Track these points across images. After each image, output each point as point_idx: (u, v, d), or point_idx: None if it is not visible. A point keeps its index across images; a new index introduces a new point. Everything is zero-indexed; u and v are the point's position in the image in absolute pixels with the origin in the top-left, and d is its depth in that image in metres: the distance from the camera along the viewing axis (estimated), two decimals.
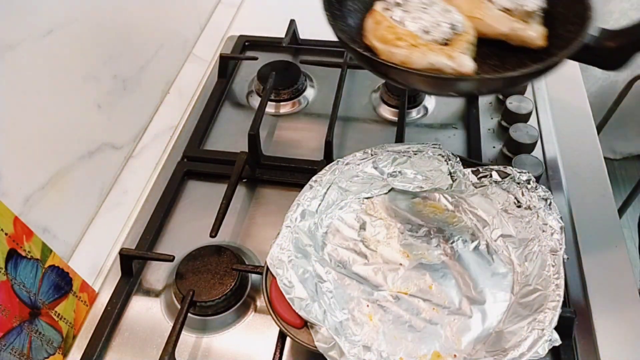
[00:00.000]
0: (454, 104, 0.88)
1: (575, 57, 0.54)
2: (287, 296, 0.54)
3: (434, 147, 0.68)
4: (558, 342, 0.51)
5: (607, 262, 0.66)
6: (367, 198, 0.69)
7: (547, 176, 0.75)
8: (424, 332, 0.57)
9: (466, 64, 0.53)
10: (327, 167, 0.66)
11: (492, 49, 0.59)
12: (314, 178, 0.65)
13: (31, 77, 0.61)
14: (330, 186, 0.66)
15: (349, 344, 0.52)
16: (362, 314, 0.58)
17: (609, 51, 0.54)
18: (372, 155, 0.68)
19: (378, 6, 0.59)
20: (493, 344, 0.55)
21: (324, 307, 0.56)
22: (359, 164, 0.67)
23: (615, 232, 0.69)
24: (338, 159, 0.67)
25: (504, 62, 0.58)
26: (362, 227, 0.67)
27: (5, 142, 0.57)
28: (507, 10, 0.58)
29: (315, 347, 0.51)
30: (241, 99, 0.91)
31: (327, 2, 0.61)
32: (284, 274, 0.55)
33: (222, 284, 0.62)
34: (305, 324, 0.53)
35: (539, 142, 0.79)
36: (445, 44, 0.55)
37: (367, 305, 0.59)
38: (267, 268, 0.57)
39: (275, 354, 0.56)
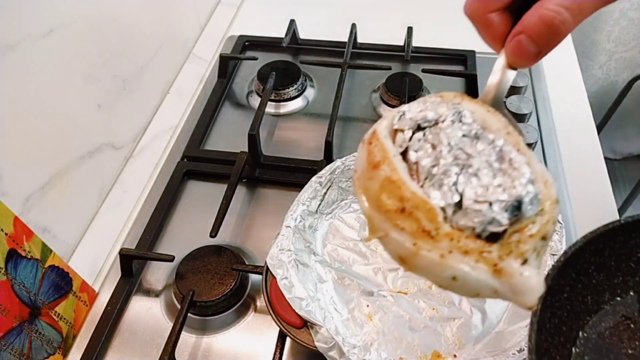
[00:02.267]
0: None
1: None
2: (287, 296, 0.54)
3: None
4: None
5: None
6: None
7: None
8: (424, 331, 0.57)
9: (530, 287, 0.29)
10: (327, 167, 0.66)
11: None
12: (313, 178, 0.65)
13: (31, 77, 0.61)
14: (330, 186, 0.66)
15: (349, 344, 0.52)
16: (362, 314, 0.58)
17: None
18: None
19: (383, 125, 0.35)
20: (493, 344, 0.55)
21: (324, 307, 0.56)
22: None
23: None
24: (338, 159, 0.67)
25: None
26: (362, 227, 0.67)
27: (5, 142, 0.57)
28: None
29: (315, 347, 0.51)
30: (241, 99, 0.91)
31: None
32: (284, 274, 0.55)
33: (222, 284, 0.62)
34: (305, 324, 0.53)
35: (539, 142, 0.79)
36: (494, 240, 0.30)
37: (367, 305, 0.59)
38: (267, 268, 0.57)
39: (275, 354, 0.56)
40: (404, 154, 0.33)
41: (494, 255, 0.29)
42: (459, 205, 0.30)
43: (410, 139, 0.33)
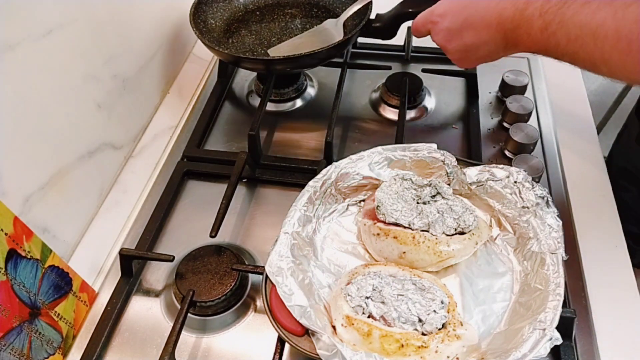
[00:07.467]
0: (454, 104, 0.88)
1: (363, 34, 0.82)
2: (287, 304, 0.53)
3: (429, 148, 0.68)
4: (560, 341, 0.51)
5: (607, 262, 0.66)
6: (364, 201, 0.69)
7: (547, 176, 0.75)
8: None
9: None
10: (322, 172, 0.66)
11: None
12: (310, 183, 0.65)
13: (31, 77, 0.61)
14: (327, 190, 0.66)
15: (351, 351, 0.51)
16: None
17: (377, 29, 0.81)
18: (367, 157, 0.68)
19: (343, 302, 0.54)
20: (494, 344, 0.55)
21: (324, 313, 0.56)
22: (354, 167, 0.67)
23: (615, 232, 0.69)
24: (334, 162, 0.67)
25: None
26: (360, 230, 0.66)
27: (5, 142, 0.57)
28: None
29: (318, 355, 0.51)
30: (241, 99, 0.91)
31: None
32: (284, 282, 0.55)
33: (222, 284, 0.62)
34: (306, 332, 0.53)
35: (539, 142, 0.79)
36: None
37: None
38: (267, 276, 0.56)
39: (275, 354, 0.56)
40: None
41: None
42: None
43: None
